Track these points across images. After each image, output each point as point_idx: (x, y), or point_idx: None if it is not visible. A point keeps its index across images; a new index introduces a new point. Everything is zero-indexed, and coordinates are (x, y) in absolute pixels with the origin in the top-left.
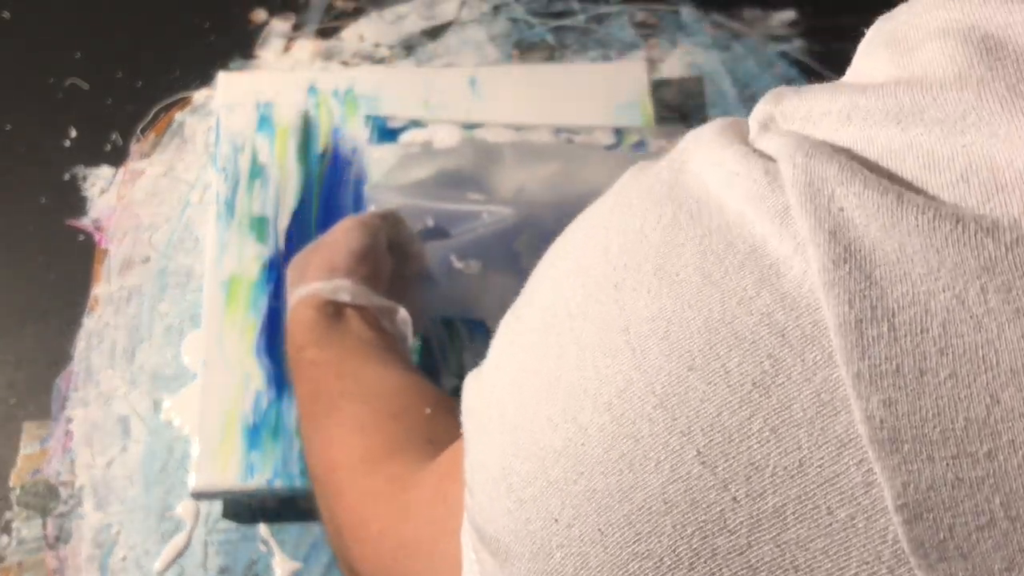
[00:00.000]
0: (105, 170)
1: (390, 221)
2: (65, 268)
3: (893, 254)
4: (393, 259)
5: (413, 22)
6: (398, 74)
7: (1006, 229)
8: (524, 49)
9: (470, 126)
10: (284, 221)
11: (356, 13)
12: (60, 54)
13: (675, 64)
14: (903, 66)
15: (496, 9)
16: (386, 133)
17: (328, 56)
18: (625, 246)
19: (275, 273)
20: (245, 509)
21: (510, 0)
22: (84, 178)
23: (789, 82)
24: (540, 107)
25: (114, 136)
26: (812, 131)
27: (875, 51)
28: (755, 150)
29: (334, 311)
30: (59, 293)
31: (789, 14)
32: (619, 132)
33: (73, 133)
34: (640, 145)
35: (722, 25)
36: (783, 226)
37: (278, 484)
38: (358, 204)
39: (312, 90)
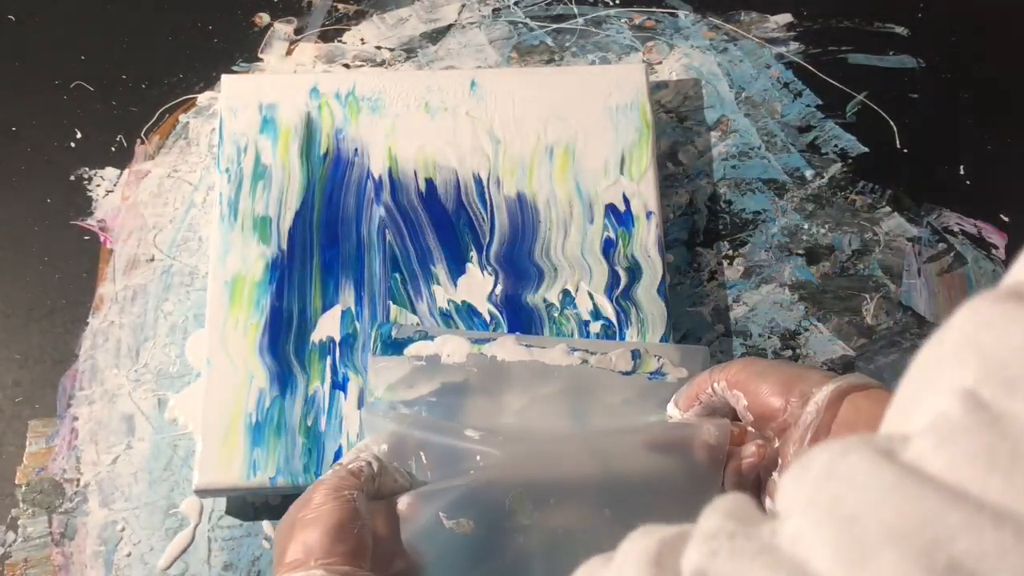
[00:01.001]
0: (110, 171)
1: (367, 476)
2: (70, 268)
3: None
4: (380, 515)
5: (414, 25)
6: (399, 76)
7: None
8: (523, 52)
9: (480, 340)
10: (287, 222)
11: (357, 16)
12: (65, 57)
13: (673, 66)
14: (851, 566)
15: (496, 12)
16: (391, 345)
17: (330, 59)
18: None
19: (278, 273)
20: (248, 506)
21: (510, 3)
22: (89, 179)
23: (786, 85)
24: (539, 109)
25: (119, 138)
26: None
27: (818, 518)
28: None
29: None
30: (64, 292)
31: (785, 17)
32: (636, 355)
33: (79, 135)
34: (657, 374)
35: (719, 28)
36: None
37: (281, 482)
38: (359, 205)
39: (314, 92)
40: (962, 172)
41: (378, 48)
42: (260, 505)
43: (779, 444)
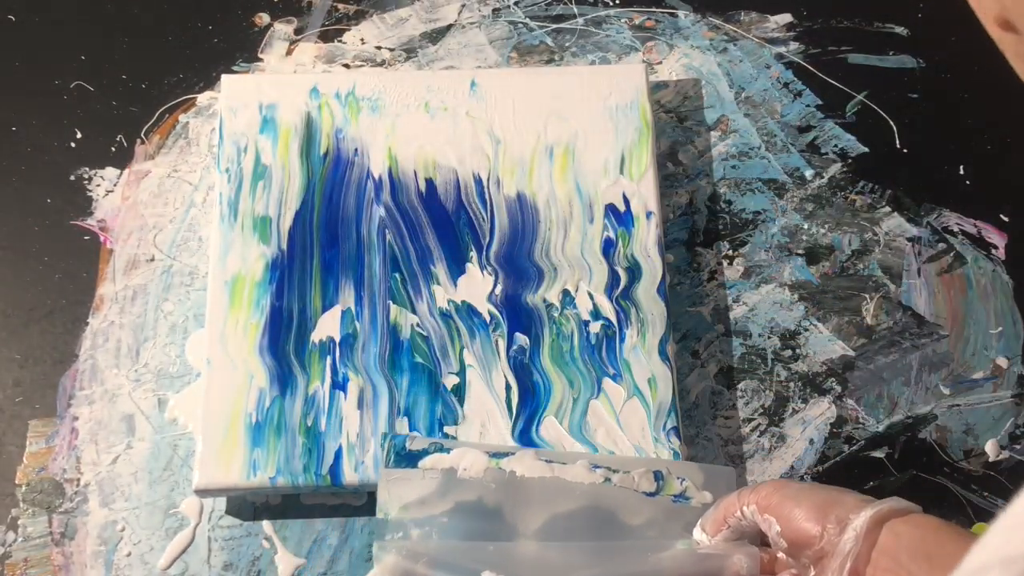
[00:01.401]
0: (110, 171)
1: None
2: (71, 268)
3: None
4: None
5: (413, 25)
6: (399, 76)
7: None
8: (523, 52)
9: (498, 455)
10: (287, 222)
11: (357, 16)
12: (66, 57)
13: (673, 66)
14: None
15: (496, 12)
16: (404, 456)
17: (330, 59)
18: None
19: (278, 273)
20: (248, 506)
21: (510, 3)
22: (89, 179)
23: (786, 85)
24: (539, 109)
25: (119, 138)
26: None
27: None
28: None
29: None
30: (65, 292)
31: (785, 17)
32: (659, 476)
33: (79, 135)
34: (681, 497)
35: (719, 28)
36: None
37: (281, 482)
38: (359, 205)
39: (314, 92)
40: (962, 172)
41: (378, 48)
42: (260, 505)
43: (815, 573)
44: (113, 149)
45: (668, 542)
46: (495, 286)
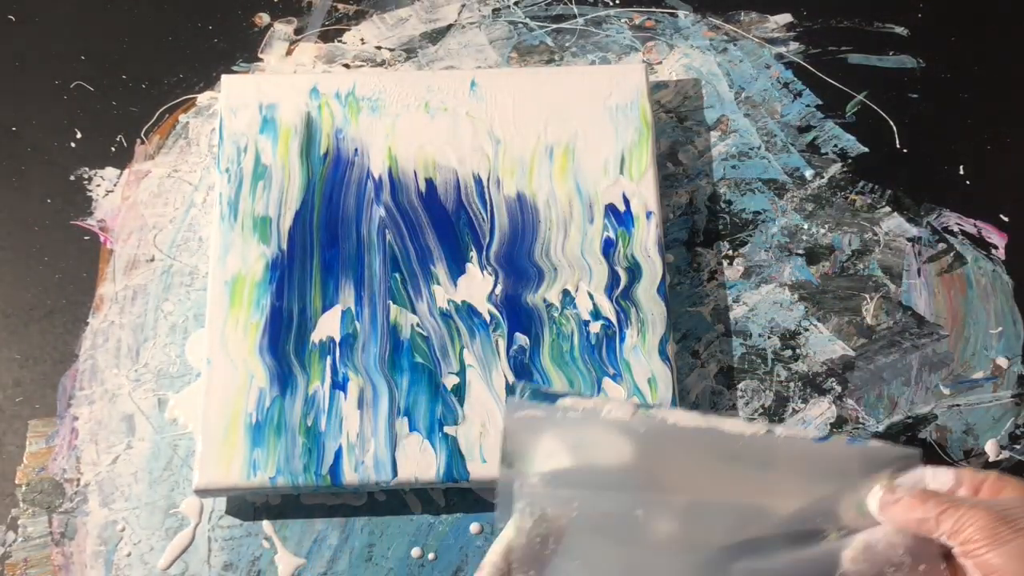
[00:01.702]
0: (110, 171)
1: None
2: (71, 268)
3: None
4: None
5: (413, 25)
6: (399, 76)
7: None
8: (524, 52)
9: (646, 405)
10: (287, 221)
11: (357, 16)
12: (66, 57)
13: (673, 66)
14: None
15: (496, 12)
16: (540, 395)
17: (330, 59)
18: None
19: (278, 273)
20: (248, 506)
21: (510, 3)
22: (90, 179)
23: (785, 85)
24: (539, 109)
25: (119, 138)
26: None
27: None
28: None
29: None
30: (65, 292)
31: (785, 17)
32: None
33: (79, 135)
34: (858, 438)
35: (719, 28)
36: None
37: (281, 482)
38: (359, 205)
39: (314, 92)
40: (962, 172)
41: (378, 48)
42: (260, 505)
43: None
44: (113, 149)
45: (844, 511)
46: (495, 286)
